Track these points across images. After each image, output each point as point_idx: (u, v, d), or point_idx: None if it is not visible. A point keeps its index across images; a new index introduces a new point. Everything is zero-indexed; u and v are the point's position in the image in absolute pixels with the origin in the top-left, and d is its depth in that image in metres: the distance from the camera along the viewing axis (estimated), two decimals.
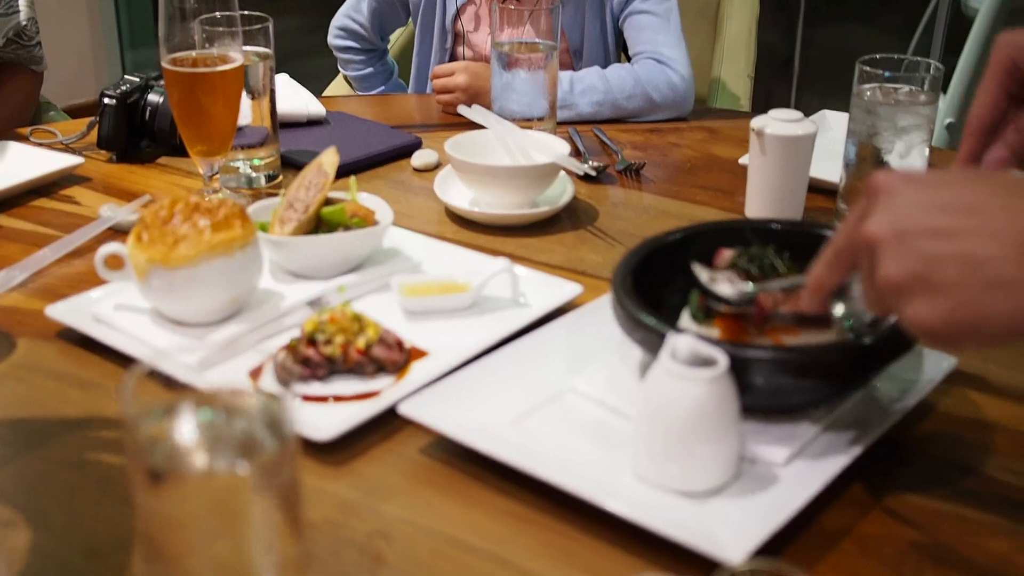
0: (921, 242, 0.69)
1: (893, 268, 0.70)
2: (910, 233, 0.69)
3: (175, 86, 1.37)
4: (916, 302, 0.69)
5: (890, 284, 0.70)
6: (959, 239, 0.68)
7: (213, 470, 0.63)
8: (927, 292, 0.68)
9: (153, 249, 1.04)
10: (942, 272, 0.68)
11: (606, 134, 1.76)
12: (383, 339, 1.03)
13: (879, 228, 0.71)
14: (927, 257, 0.68)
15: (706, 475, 0.84)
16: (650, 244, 1.05)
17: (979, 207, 0.68)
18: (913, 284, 0.69)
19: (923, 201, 0.70)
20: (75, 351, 1.08)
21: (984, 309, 0.67)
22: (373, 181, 1.57)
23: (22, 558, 0.80)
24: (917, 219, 0.70)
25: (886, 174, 0.73)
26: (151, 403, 0.65)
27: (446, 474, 0.90)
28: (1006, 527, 0.85)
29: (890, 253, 0.70)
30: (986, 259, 0.67)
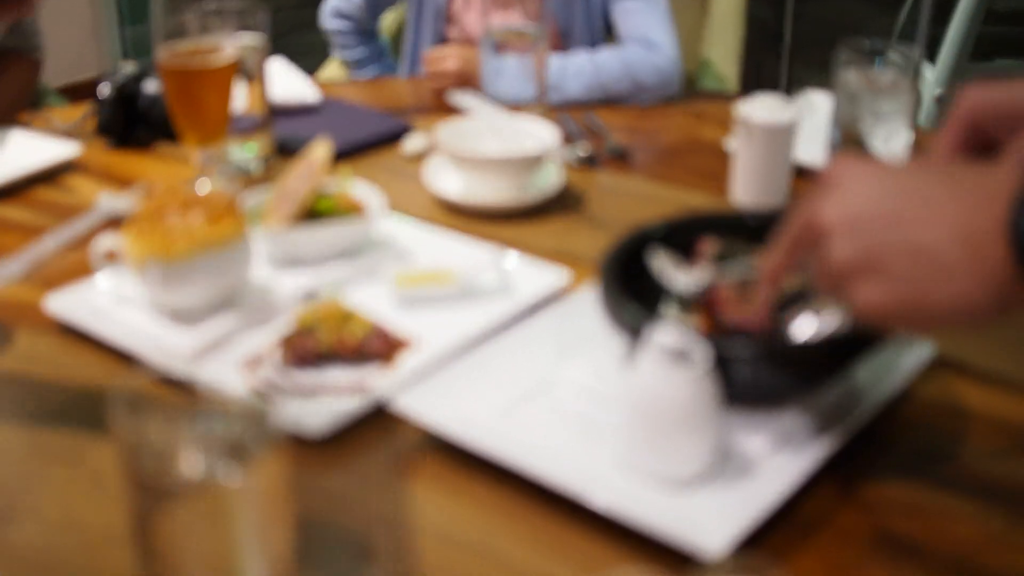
0: (871, 228, 0.72)
1: (844, 252, 0.73)
2: (861, 219, 0.73)
3: (169, 79, 1.38)
4: (864, 286, 0.72)
5: (841, 267, 0.73)
6: (907, 226, 0.71)
7: (204, 477, 0.66)
8: (875, 276, 0.72)
9: (149, 243, 1.06)
10: (891, 258, 0.71)
11: (595, 117, 1.78)
12: (374, 330, 1.05)
13: (832, 214, 0.74)
14: (876, 243, 0.72)
15: (687, 464, 0.87)
16: (636, 233, 1.07)
17: (927, 195, 0.71)
18: (862, 268, 0.72)
19: (875, 189, 0.74)
20: (73, 343, 1.10)
21: (929, 294, 0.70)
22: (364, 167, 1.59)
23: (17, 553, 0.82)
24: (868, 206, 0.73)
25: (840, 161, 0.77)
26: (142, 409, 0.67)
27: (436, 467, 0.93)
28: (980, 516, 0.87)
29: (842, 238, 0.73)
30: (933, 247, 0.70)
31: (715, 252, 1.02)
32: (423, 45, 2.16)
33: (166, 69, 1.38)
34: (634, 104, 1.87)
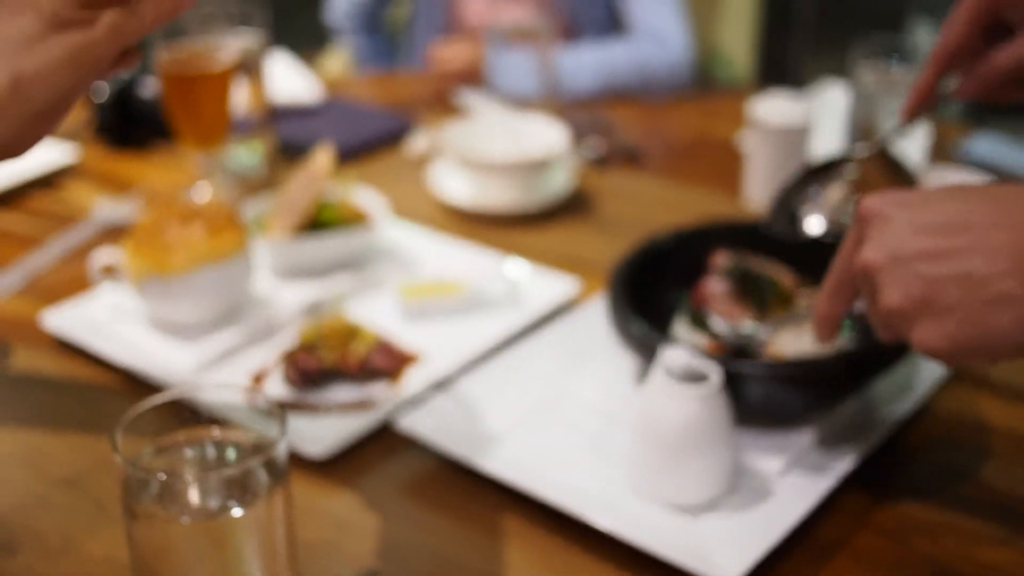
0: (918, 265, 0.69)
1: (894, 295, 0.70)
2: (906, 257, 0.69)
3: (167, 82, 1.35)
4: (921, 326, 0.69)
5: (893, 311, 0.70)
6: (955, 258, 0.68)
7: (205, 510, 0.64)
8: (930, 315, 0.68)
9: (148, 257, 1.04)
10: (943, 293, 0.68)
11: (605, 114, 1.75)
12: (379, 345, 1.03)
13: (875, 255, 0.71)
14: (926, 280, 0.68)
15: (700, 489, 0.84)
16: (644, 247, 1.04)
17: (970, 223, 0.68)
18: (916, 308, 0.69)
19: (914, 223, 0.70)
20: (72, 359, 1.08)
21: (989, 326, 0.67)
22: (368, 168, 1.56)
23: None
24: (911, 242, 0.69)
25: (874, 198, 0.73)
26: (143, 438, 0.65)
27: (442, 488, 0.90)
28: (1003, 537, 0.85)
29: (889, 279, 0.70)
30: (984, 276, 0.67)
31: (727, 266, 0.99)
32: (427, 38, 2.13)
33: (164, 72, 1.35)
34: (644, 98, 1.84)
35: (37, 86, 0.69)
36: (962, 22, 0.87)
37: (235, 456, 0.67)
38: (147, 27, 0.73)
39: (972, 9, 0.86)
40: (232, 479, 0.65)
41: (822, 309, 0.79)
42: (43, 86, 0.69)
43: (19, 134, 0.70)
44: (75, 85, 0.71)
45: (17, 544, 0.84)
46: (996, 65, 0.87)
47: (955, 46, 0.88)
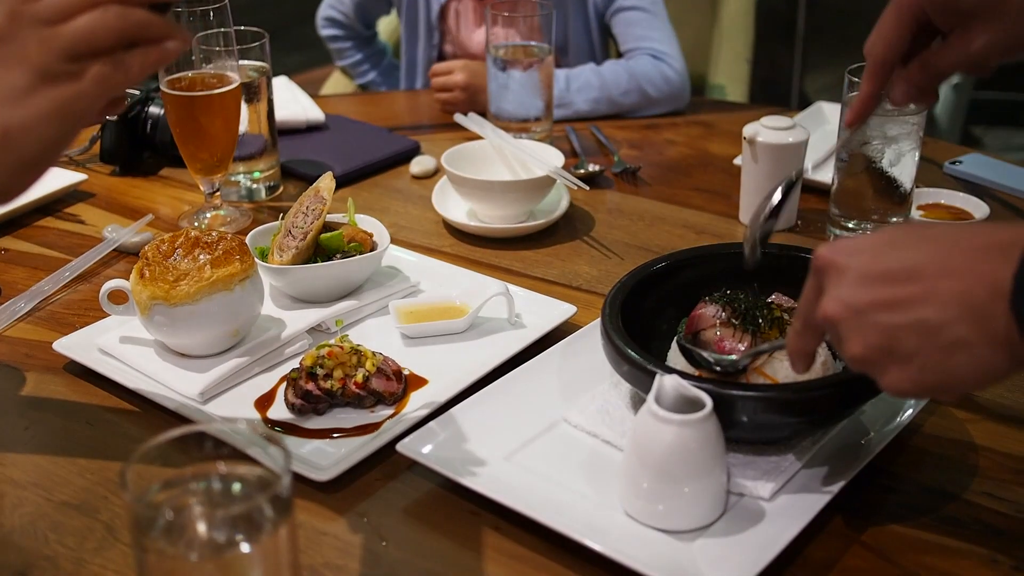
0: (875, 315, 0.72)
1: (856, 345, 0.74)
2: (863, 308, 0.73)
3: (173, 108, 1.39)
4: (887, 372, 0.73)
5: (857, 360, 0.74)
6: (909, 308, 0.71)
7: (212, 544, 0.66)
8: (894, 362, 0.72)
9: (155, 286, 1.07)
10: (902, 342, 0.71)
11: (603, 132, 1.78)
12: (381, 370, 1.06)
13: (834, 308, 0.75)
14: (884, 330, 0.72)
15: (692, 515, 0.87)
16: (638, 273, 1.07)
17: (920, 272, 0.71)
18: (879, 357, 0.73)
19: (868, 273, 0.74)
20: (82, 384, 1.11)
21: (949, 370, 0.71)
22: (372, 189, 1.59)
23: None
24: (866, 293, 0.73)
25: (829, 248, 0.77)
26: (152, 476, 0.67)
27: (444, 511, 0.93)
28: (986, 557, 0.87)
29: (850, 331, 0.74)
30: (938, 324, 0.70)
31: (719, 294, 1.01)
32: (419, 58, 2.16)
33: (169, 98, 1.38)
34: (643, 116, 1.87)
35: (25, 138, 0.73)
36: (893, 34, 0.91)
37: (240, 489, 0.69)
38: (133, 78, 0.76)
39: (901, 20, 0.90)
40: (238, 514, 0.67)
41: (793, 347, 0.82)
42: (31, 138, 0.73)
43: (7, 183, 0.75)
44: (62, 136, 0.74)
45: (29, 569, 0.87)
46: (934, 70, 0.91)
47: (891, 56, 0.92)
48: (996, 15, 0.87)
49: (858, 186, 1.37)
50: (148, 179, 1.62)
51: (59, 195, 1.52)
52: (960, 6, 0.88)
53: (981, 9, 0.87)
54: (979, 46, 0.88)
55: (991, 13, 0.87)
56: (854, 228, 1.38)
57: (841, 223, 1.39)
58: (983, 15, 0.87)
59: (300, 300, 1.21)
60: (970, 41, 0.88)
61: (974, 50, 0.88)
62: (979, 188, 1.56)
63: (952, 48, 0.90)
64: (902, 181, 1.35)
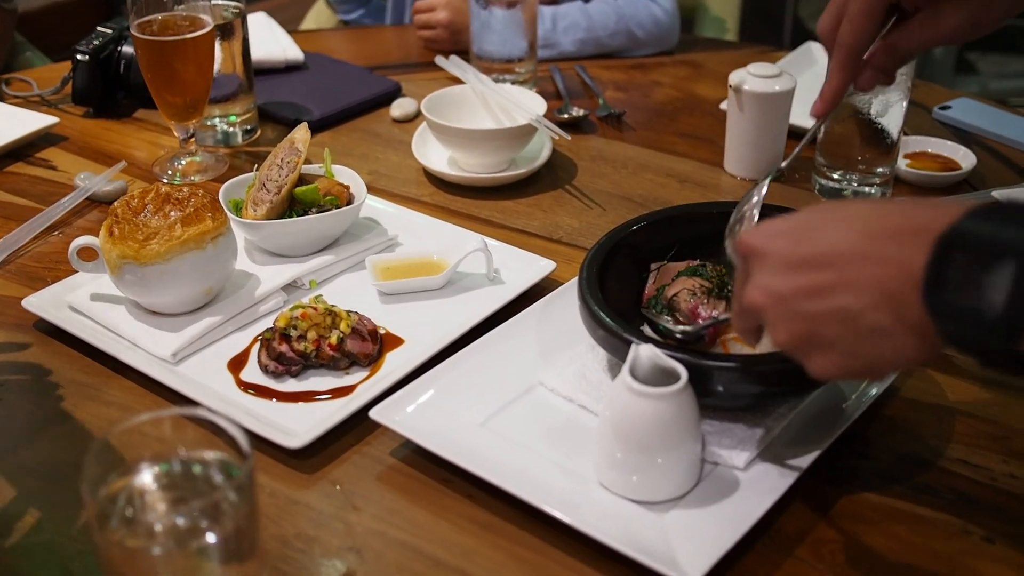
0: (797, 304, 0.73)
1: (781, 333, 0.74)
2: (785, 297, 0.73)
3: (143, 52, 1.35)
4: (812, 357, 0.74)
5: (784, 347, 0.75)
6: (829, 295, 0.71)
7: (174, 532, 0.65)
8: (817, 348, 0.73)
9: (124, 245, 1.04)
10: (823, 329, 0.72)
11: (588, 73, 1.74)
12: (356, 330, 1.04)
13: (758, 297, 0.75)
14: (806, 318, 0.72)
15: (666, 486, 0.86)
16: (617, 234, 1.05)
17: (839, 257, 0.71)
18: (803, 344, 0.74)
19: (789, 259, 0.73)
20: (53, 343, 1.09)
21: (871, 356, 0.71)
22: (351, 134, 1.56)
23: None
24: (788, 280, 0.73)
25: (752, 235, 0.77)
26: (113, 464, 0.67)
27: (417, 478, 0.92)
28: (958, 527, 0.87)
29: (774, 319, 0.75)
30: (857, 311, 0.70)
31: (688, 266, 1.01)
32: None
33: (139, 42, 1.34)
34: (630, 56, 1.83)
35: None
36: (865, 21, 0.89)
37: (201, 471, 0.69)
38: None
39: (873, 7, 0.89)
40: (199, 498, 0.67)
41: (736, 326, 0.83)
42: None
43: None
44: None
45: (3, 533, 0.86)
46: (900, 52, 0.91)
47: (862, 46, 0.91)
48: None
49: (845, 135, 1.35)
50: (122, 121, 1.59)
51: (30, 139, 1.49)
52: None
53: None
54: (948, 27, 0.87)
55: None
56: (839, 179, 1.36)
57: (826, 173, 1.37)
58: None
59: (275, 254, 1.20)
60: (939, 22, 0.87)
61: (943, 31, 0.88)
62: (967, 135, 1.54)
63: (920, 29, 0.89)
64: (890, 131, 1.33)
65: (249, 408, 0.98)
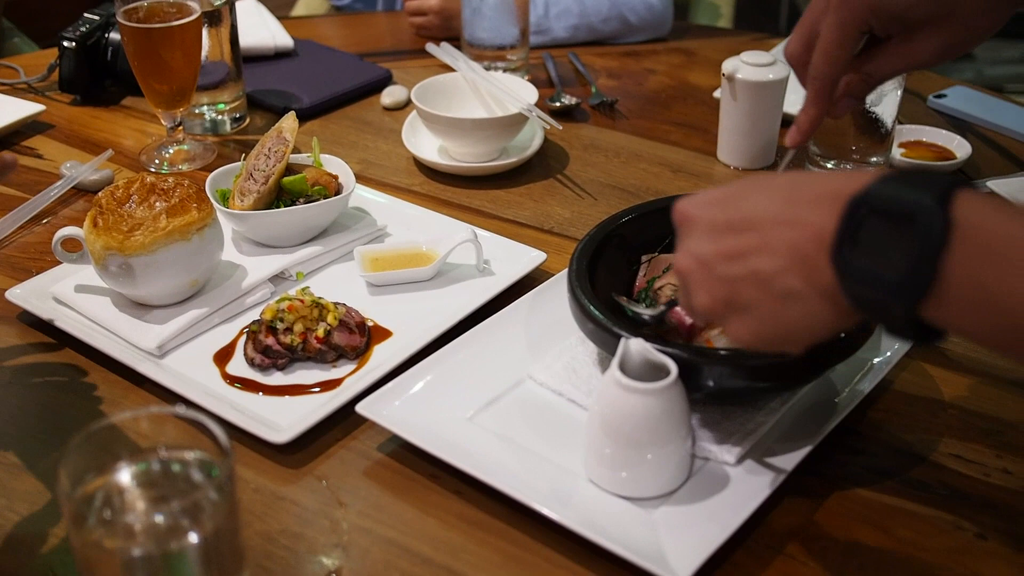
0: (719, 267, 0.73)
1: (703, 297, 0.75)
2: (709, 261, 0.74)
3: (130, 40, 1.33)
4: (730, 322, 0.74)
5: (705, 311, 0.75)
6: (746, 258, 0.71)
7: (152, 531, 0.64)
8: (735, 312, 0.73)
9: (108, 236, 1.03)
10: (741, 293, 0.72)
11: (581, 60, 1.73)
12: (344, 323, 1.03)
13: (684, 261, 0.76)
14: (726, 281, 0.73)
15: (656, 482, 0.85)
16: (607, 225, 1.04)
17: (757, 221, 0.71)
18: (723, 308, 0.74)
19: (714, 224, 0.74)
20: (36, 335, 1.08)
21: (784, 321, 0.71)
22: (341, 121, 1.55)
23: None
24: (711, 245, 0.74)
25: (685, 203, 0.77)
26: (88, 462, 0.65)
27: (404, 473, 0.91)
28: (950, 523, 0.86)
29: (699, 284, 0.75)
30: (770, 274, 0.70)
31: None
32: None
33: (126, 29, 1.32)
34: (623, 43, 1.81)
35: None
36: (838, 51, 0.90)
37: (180, 470, 0.67)
38: None
39: (846, 35, 0.89)
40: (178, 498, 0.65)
41: (683, 305, 0.82)
42: None
43: None
44: None
45: None
46: (874, 78, 0.91)
47: (837, 75, 0.91)
48: (942, 24, 0.87)
49: (839, 124, 1.33)
50: (110, 109, 1.57)
51: (16, 127, 1.47)
52: (910, 17, 0.87)
53: (929, 18, 0.87)
54: (923, 53, 0.88)
55: (938, 22, 0.87)
56: (833, 169, 1.35)
57: (820, 163, 1.36)
58: (930, 23, 0.87)
59: (262, 245, 1.18)
60: (913, 48, 0.88)
61: (917, 57, 0.89)
62: (962, 124, 1.53)
63: (894, 55, 0.90)
64: (884, 120, 1.32)
65: (235, 402, 0.97)
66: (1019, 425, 0.96)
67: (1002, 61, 3.58)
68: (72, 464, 0.64)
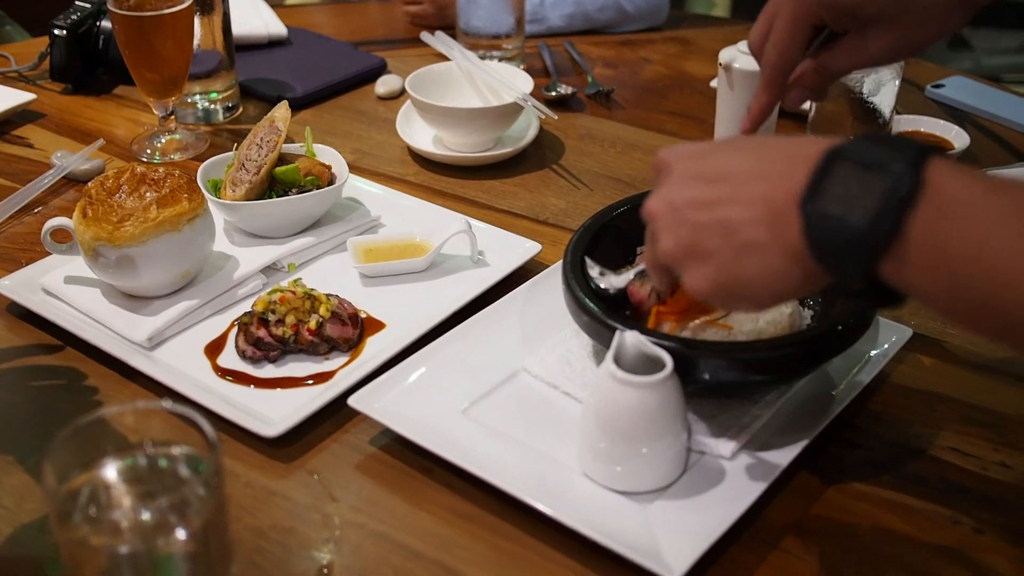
0: (688, 213, 0.73)
1: (668, 240, 0.75)
2: (679, 206, 0.74)
3: (121, 28, 1.32)
4: (689, 269, 0.74)
5: (668, 254, 0.75)
6: (717, 207, 0.72)
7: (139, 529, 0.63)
8: (696, 259, 0.73)
9: (98, 227, 1.02)
10: (705, 240, 0.72)
11: (577, 49, 1.71)
12: (336, 314, 1.02)
13: (655, 204, 0.76)
14: (692, 227, 0.73)
15: (651, 477, 0.85)
16: (603, 216, 1.03)
17: (732, 174, 0.72)
18: (684, 254, 0.74)
19: (689, 172, 0.75)
20: (26, 327, 1.06)
21: (740, 272, 0.71)
22: (334, 111, 1.53)
23: None
24: (683, 191, 0.74)
25: (666, 150, 0.78)
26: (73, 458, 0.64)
27: (397, 467, 0.90)
28: (948, 518, 0.85)
29: (664, 226, 0.75)
30: (738, 223, 0.70)
31: None
32: None
33: (117, 18, 1.31)
34: (619, 32, 1.80)
35: None
36: (790, 41, 0.91)
37: (167, 465, 0.66)
38: None
39: (798, 28, 0.90)
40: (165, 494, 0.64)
41: (645, 258, 0.82)
42: None
43: None
44: None
45: None
46: (828, 72, 0.92)
47: (788, 65, 0.92)
48: (895, 21, 0.87)
49: (837, 114, 1.32)
50: (101, 98, 1.56)
51: (7, 116, 1.46)
52: (861, 13, 0.88)
53: (882, 15, 0.87)
54: (875, 50, 0.89)
55: (891, 19, 0.87)
56: None
57: None
58: (883, 20, 0.88)
59: (255, 236, 1.17)
60: (866, 45, 0.89)
61: (870, 53, 0.89)
62: (961, 114, 1.52)
63: (847, 51, 0.90)
64: (882, 110, 1.30)
65: (226, 395, 0.96)
66: (1017, 419, 0.95)
67: (1000, 51, 3.57)
68: (58, 460, 0.63)
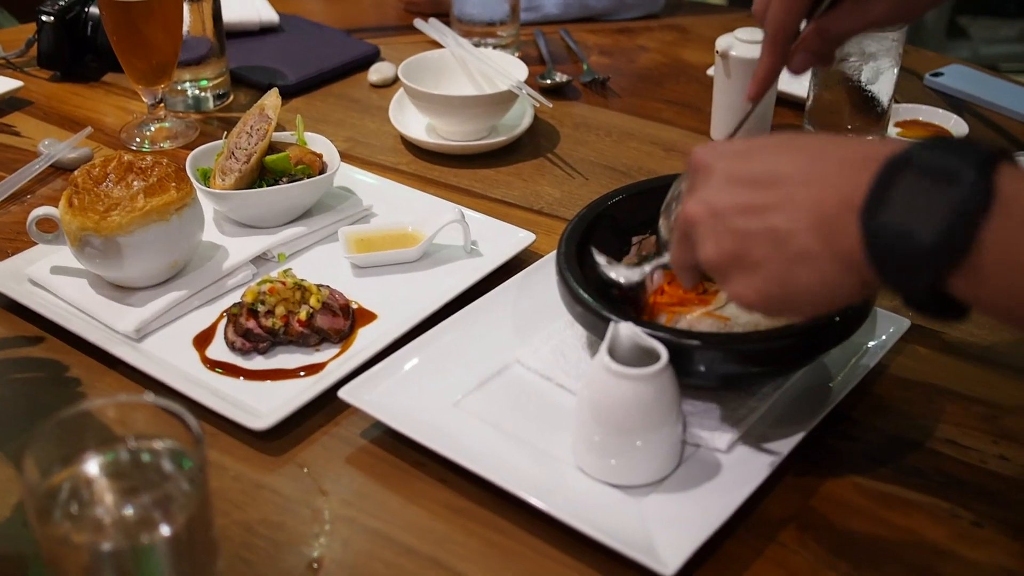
0: (732, 220, 0.70)
1: (710, 248, 0.72)
2: (722, 211, 0.71)
3: (108, 14, 1.30)
4: (734, 279, 0.71)
5: (710, 264, 0.72)
6: (764, 214, 0.69)
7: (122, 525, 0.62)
8: (742, 269, 0.70)
9: (84, 216, 1.00)
10: (752, 249, 0.69)
11: (572, 36, 1.70)
12: (327, 305, 1.01)
13: (695, 208, 0.73)
14: (738, 235, 0.70)
15: (645, 470, 0.83)
16: (597, 206, 1.01)
17: (781, 178, 0.69)
18: (730, 262, 0.71)
19: (732, 175, 0.71)
20: (12, 318, 1.05)
21: (791, 282, 0.68)
22: (327, 99, 1.52)
23: None
24: (727, 196, 0.71)
25: (703, 150, 0.75)
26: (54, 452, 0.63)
27: (388, 460, 0.89)
28: (946, 511, 0.84)
29: (706, 233, 0.72)
30: (788, 232, 0.68)
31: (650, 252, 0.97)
32: None
33: (104, 3, 1.29)
34: (616, 19, 1.78)
35: None
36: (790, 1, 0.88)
37: (151, 459, 0.65)
38: None
39: None
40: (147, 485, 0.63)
41: (674, 258, 0.79)
42: None
43: None
44: None
45: None
46: (832, 36, 0.89)
47: (793, 26, 0.89)
48: None
49: (835, 103, 1.31)
50: (91, 86, 1.54)
51: None
52: None
53: None
54: (877, 12, 0.86)
55: None
56: None
57: None
58: None
59: (244, 225, 1.15)
60: (867, 7, 0.86)
61: (871, 16, 0.87)
62: (959, 103, 1.50)
63: (850, 14, 0.87)
64: (880, 98, 1.29)
65: (215, 387, 0.95)
66: (1016, 411, 0.94)
67: (998, 40, 3.56)
68: (38, 454, 0.61)
